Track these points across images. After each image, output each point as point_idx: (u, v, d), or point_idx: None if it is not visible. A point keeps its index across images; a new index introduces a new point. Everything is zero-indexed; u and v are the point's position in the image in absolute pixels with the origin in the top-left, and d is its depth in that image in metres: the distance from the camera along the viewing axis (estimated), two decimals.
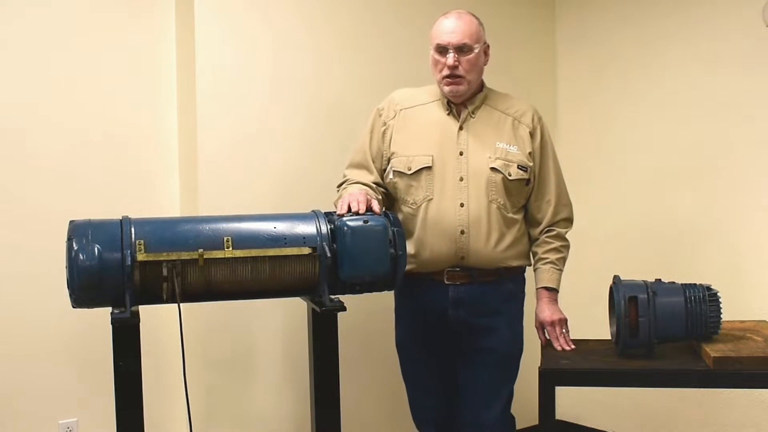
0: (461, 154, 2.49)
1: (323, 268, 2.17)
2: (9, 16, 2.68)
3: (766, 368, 2.17)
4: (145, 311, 2.11)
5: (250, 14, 3.00)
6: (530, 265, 2.68)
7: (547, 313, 2.59)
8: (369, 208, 2.27)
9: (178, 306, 2.08)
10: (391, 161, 2.54)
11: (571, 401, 3.82)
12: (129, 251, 2.02)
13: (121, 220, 2.10)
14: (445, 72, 2.47)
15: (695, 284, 2.33)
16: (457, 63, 2.46)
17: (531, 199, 2.59)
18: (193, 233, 2.11)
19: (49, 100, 2.76)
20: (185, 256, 2.06)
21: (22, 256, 2.70)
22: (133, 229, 2.06)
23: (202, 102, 2.87)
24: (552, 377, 2.25)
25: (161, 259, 2.04)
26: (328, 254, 2.16)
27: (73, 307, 2.08)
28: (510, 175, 2.48)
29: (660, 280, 2.37)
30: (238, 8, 2.97)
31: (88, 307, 2.11)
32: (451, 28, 2.47)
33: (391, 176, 2.54)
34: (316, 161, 3.12)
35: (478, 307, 2.52)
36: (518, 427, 3.84)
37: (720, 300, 2.31)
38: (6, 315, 2.68)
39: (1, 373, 2.67)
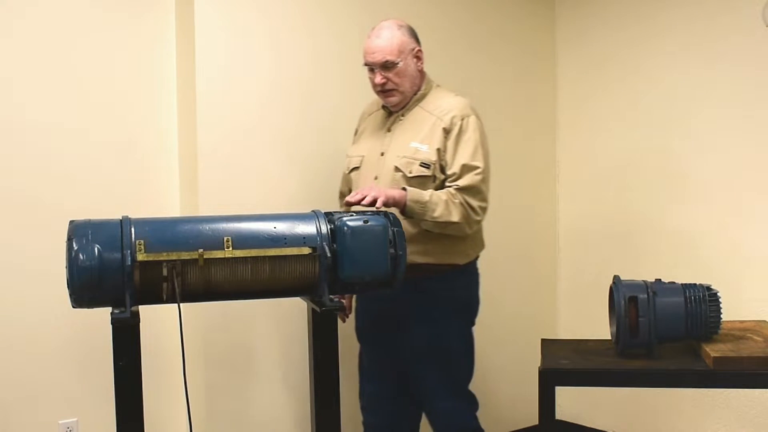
0: (382, 154, 2.65)
1: (323, 268, 2.17)
2: (9, 16, 2.68)
3: (766, 368, 2.17)
4: (145, 311, 2.11)
5: (250, 14, 3.00)
6: (450, 263, 2.66)
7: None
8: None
9: (178, 306, 2.08)
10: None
11: (571, 401, 3.82)
12: (129, 251, 2.02)
13: (121, 220, 2.09)
14: (376, 88, 2.66)
15: (695, 284, 2.33)
16: (384, 80, 2.61)
17: (447, 181, 2.59)
18: (193, 233, 2.11)
19: (49, 100, 2.76)
20: (185, 256, 2.06)
21: (22, 255, 2.70)
22: (133, 229, 2.06)
23: (202, 101, 2.87)
24: (552, 377, 2.25)
25: (161, 259, 2.04)
26: (328, 254, 2.16)
27: (73, 307, 2.08)
28: (410, 173, 2.56)
29: (660, 280, 2.36)
30: (238, 8, 2.96)
31: (88, 307, 2.11)
32: (372, 48, 2.62)
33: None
34: (316, 161, 3.11)
35: (393, 302, 2.58)
36: (518, 427, 3.85)
37: (720, 300, 2.31)
38: (6, 315, 2.68)
39: (1, 373, 2.67)
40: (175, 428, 2.97)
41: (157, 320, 2.60)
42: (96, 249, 2.00)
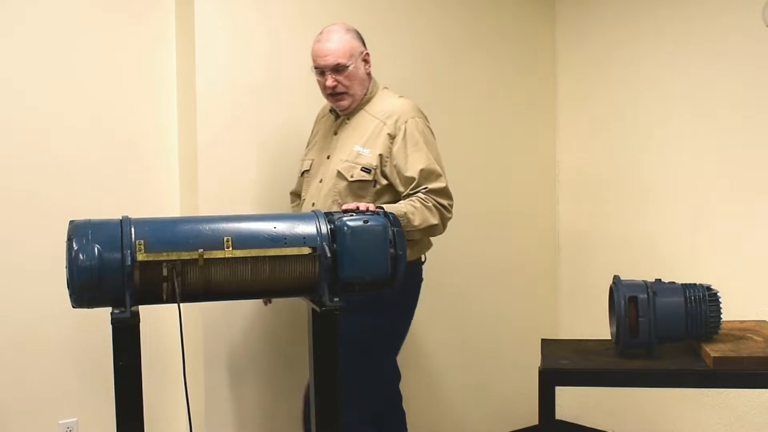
0: (328, 158, 2.69)
1: (323, 268, 2.17)
2: (9, 16, 2.68)
3: (766, 368, 2.17)
4: (145, 311, 2.11)
5: (251, 14, 3.00)
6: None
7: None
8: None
9: (178, 306, 2.08)
10: None
11: (571, 401, 3.82)
12: (129, 251, 2.02)
13: (121, 220, 2.09)
14: (325, 91, 2.67)
15: (695, 284, 2.33)
16: (335, 83, 2.63)
17: (409, 189, 2.58)
18: (193, 233, 2.11)
19: (49, 100, 2.76)
20: (185, 256, 2.06)
21: (22, 255, 2.70)
22: (133, 229, 2.06)
23: (202, 102, 2.87)
24: (552, 377, 2.25)
25: (161, 259, 2.04)
26: (328, 254, 2.16)
27: (73, 307, 2.08)
28: (351, 177, 2.58)
29: (660, 280, 2.36)
30: (238, 8, 2.96)
31: (88, 307, 2.11)
32: (323, 51, 2.63)
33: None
34: None
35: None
36: (518, 427, 3.85)
37: (720, 300, 2.31)
38: (6, 315, 2.68)
39: (1, 373, 2.67)
40: (175, 428, 2.97)
41: (158, 320, 2.60)
42: (96, 249, 2.00)
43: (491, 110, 3.80)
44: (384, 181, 2.61)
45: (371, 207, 2.36)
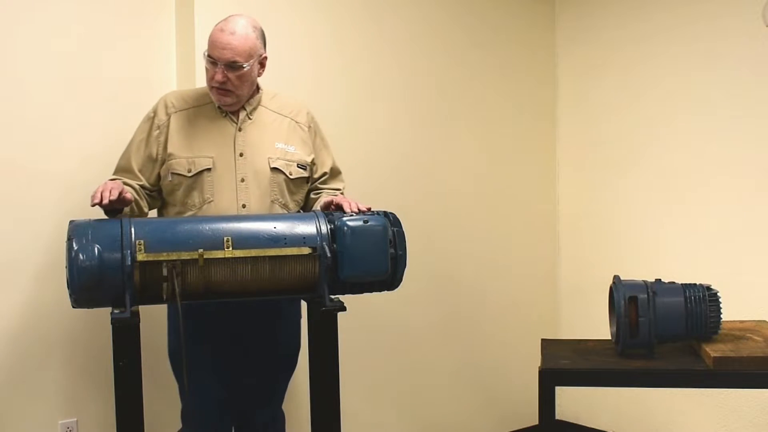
0: (241, 155, 2.48)
1: (323, 268, 2.17)
2: (9, 16, 2.68)
3: (766, 368, 2.17)
4: (145, 311, 2.11)
5: (250, 13, 3.00)
6: None
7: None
8: (122, 199, 2.21)
9: (178, 306, 2.08)
10: (168, 163, 2.47)
11: (571, 401, 3.83)
12: (129, 251, 2.02)
13: (121, 220, 2.10)
14: (213, 83, 2.44)
15: (695, 284, 2.33)
16: (225, 79, 2.41)
17: (318, 183, 2.65)
18: (193, 233, 2.11)
19: (49, 100, 2.75)
20: (185, 256, 2.06)
21: (22, 255, 2.70)
22: (133, 229, 2.06)
23: None
24: (552, 377, 2.25)
25: (161, 259, 2.04)
26: (328, 254, 2.16)
27: (73, 307, 2.08)
28: (291, 174, 2.52)
29: (660, 280, 2.36)
30: (237, 9, 2.96)
31: (88, 307, 2.11)
32: (224, 43, 2.40)
33: (169, 178, 2.46)
34: None
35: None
36: (518, 427, 3.85)
37: (720, 300, 2.31)
38: (6, 315, 2.68)
39: (1, 373, 2.67)
40: (175, 428, 2.97)
41: (157, 320, 2.60)
42: (96, 249, 2.00)
43: (491, 110, 3.80)
44: (313, 177, 2.63)
45: (362, 206, 2.33)
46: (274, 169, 2.49)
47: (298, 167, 2.54)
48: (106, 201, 2.16)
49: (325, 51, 3.21)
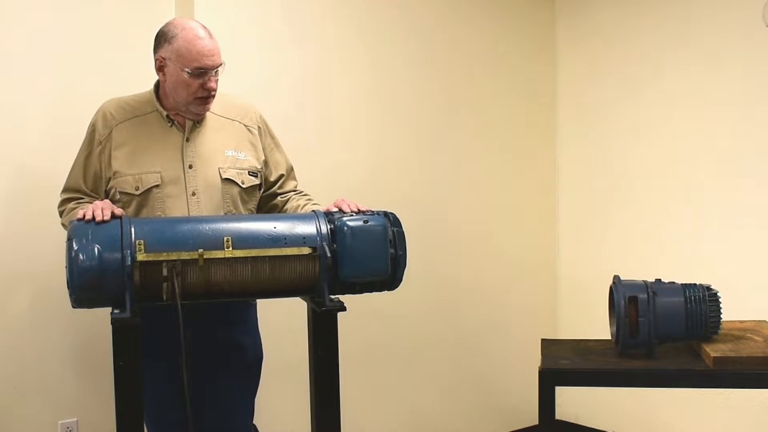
0: (191, 167, 2.37)
1: (323, 268, 2.17)
2: (9, 17, 2.68)
3: (766, 368, 2.17)
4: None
5: (250, 15, 3.00)
6: None
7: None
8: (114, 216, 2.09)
9: (178, 306, 2.08)
10: (114, 181, 2.35)
11: (571, 401, 3.83)
12: (129, 251, 2.02)
13: (121, 220, 2.09)
14: (201, 94, 2.32)
15: (695, 284, 2.33)
16: (216, 85, 2.34)
17: (275, 189, 2.55)
18: (193, 233, 2.11)
19: (48, 100, 2.76)
20: (185, 256, 2.06)
21: (22, 255, 2.70)
22: (133, 229, 2.06)
23: None
24: (552, 377, 2.24)
25: (161, 259, 2.04)
26: (328, 254, 2.16)
27: (73, 307, 2.08)
28: (243, 183, 2.42)
29: (660, 280, 2.36)
30: (237, 9, 2.97)
31: (88, 308, 2.11)
32: (210, 49, 2.30)
33: (117, 197, 2.35)
34: (312, 160, 3.12)
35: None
36: (518, 427, 3.85)
37: (720, 300, 2.31)
38: (6, 315, 2.68)
39: (1, 373, 2.67)
40: None
41: None
42: (96, 249, 2.00)
43: (491, 110, 3.80)
44: (264, 184, 2.52)
45: (362, 207, 2.30)
46: (226, 180, 2.39)
47: (250, 175, 2.43)
48: (99, 220, 2.05)
49: (323, 51, 3.21)
